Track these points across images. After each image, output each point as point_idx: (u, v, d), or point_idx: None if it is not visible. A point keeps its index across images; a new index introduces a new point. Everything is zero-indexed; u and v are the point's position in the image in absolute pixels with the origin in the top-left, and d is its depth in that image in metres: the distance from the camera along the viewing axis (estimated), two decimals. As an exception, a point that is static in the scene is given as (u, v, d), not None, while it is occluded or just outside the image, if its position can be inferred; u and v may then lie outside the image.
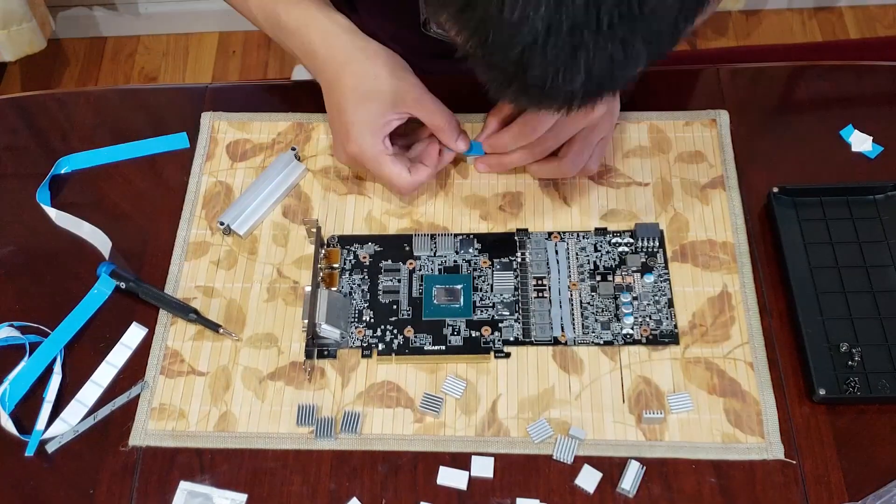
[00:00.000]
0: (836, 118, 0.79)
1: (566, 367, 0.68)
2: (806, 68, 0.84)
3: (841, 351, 0.66)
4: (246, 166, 0.79)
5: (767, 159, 0.77)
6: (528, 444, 0.64)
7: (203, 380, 0.68)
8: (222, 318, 0.71)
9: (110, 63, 1.90)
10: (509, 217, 0.75)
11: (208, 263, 0.74)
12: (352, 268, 0.73)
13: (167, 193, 0.78)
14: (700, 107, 0.80)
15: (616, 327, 0.69)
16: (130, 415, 0.67)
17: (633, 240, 0.73)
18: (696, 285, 0.71)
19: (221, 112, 0.82)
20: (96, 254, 0.75)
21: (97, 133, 0.82)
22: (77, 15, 1.88)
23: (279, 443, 0.66)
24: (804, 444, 0.64)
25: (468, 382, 0.67)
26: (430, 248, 0.73)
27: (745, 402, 0.66)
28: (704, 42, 1.87)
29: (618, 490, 0.63)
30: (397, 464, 0.64)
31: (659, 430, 0.65)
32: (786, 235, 0.71)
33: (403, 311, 0.70)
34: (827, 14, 1.89)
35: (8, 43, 1.61)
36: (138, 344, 0.70)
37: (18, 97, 0.89)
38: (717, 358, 0.68)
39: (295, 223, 0.76)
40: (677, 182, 0.76)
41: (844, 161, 0.77)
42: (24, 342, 0.70)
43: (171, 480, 0.64)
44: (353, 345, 0.69)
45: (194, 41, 1.92)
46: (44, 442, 0.66)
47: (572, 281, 0.71)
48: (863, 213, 0.73)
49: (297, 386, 0.68)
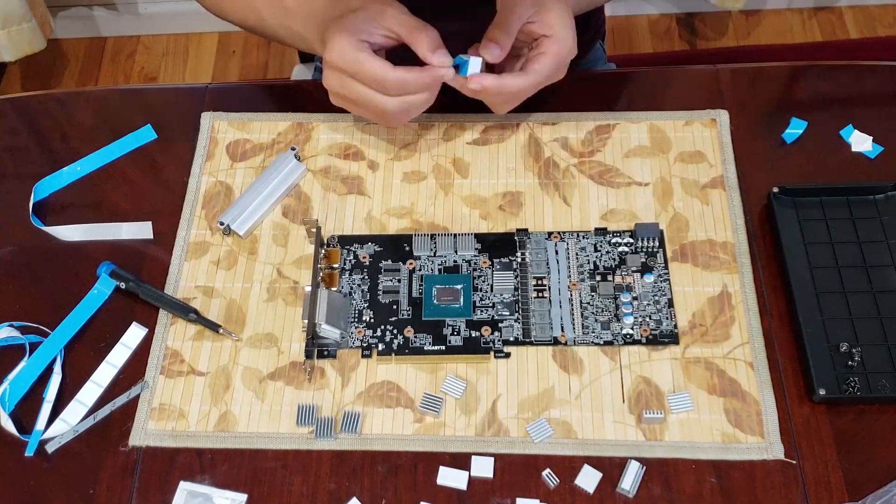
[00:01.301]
0: (836, 118, 0.79)
1: (566, 367, 0.68)
2: (806, 68, 0.84)
3: (841, 351, 0.66)
4: (246, 166, 0.79)
5: (767, 159, 0.77)
6: (528, 444, 0.64)
7: (203, 380, 0.68)
8: (222, 318, 0.71)
9: (110, 63, 1.90)
10: (509, 217, 0.75)
11: (208, 263, 0.74)
12: (352, 268, 0.73)
13: (167, 193, 0.78)
14: (700, 107, 0.80)
15: (616, 327, 0.69)
16: (130, 415, 0.67)
17: (633, 240, 0.73)
18: (696, 285, 0.71)
19: (221, 112, 0.82)
20: (96, 254, 0.75)
21: (97, 133, 0.82)
22: (77, 15, 1.88)
23: (279, 443, 0.66)
24: (804, 444, 0.64)
25: (468, 382, 0.67)
26: (430, 248, 0.73)
27: (745, 402, 0.66)
28: (704, 42, 1.87)
29: (618, 490, 0.63)
30: (397, 464, 0.64)
31: (659, 430, 0.65)
32: (786, 235, 0.71)
33: (403, 311, 0.70)
34: (827, 14, 1.89)
35: (8, 43, 1.61)
36: (138, 344, 0.70)
37: (18, 97, 0.89)
38: (717, 358, 0.68)
39: (295, 223, 0.76)
40: (677, 182, 0.76)
41: (844, 161, 0.77)
42: (24, 342, 0.70)
43: (171, 480, 0.64)
44: (353, 345, 0.69)
45: (194, 41, 1.93)
46: (44, 442, 0.66)
47: (572, 281, 0.71)
48: (863, 213, 0.73)
49: (297, 386, 0.68)
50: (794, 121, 0.78)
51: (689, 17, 1.91)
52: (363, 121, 0.80)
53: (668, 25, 1.90)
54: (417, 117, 0.80)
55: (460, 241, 0.73)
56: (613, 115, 0.80)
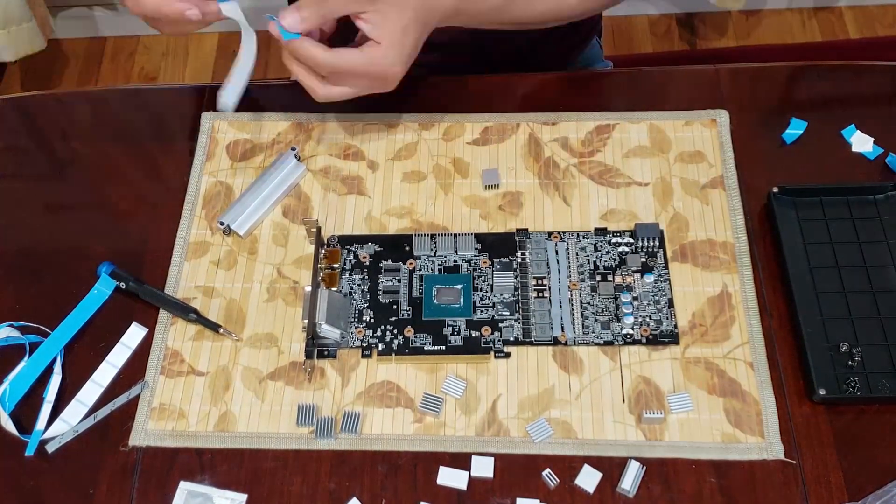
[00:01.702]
0: (836, 118, 0.79)
1: (566, 366, 0.68)
2: (806, 68, 0.84)
3: (841, 351, 0.66)
4: (246, 166, 0.79)
5: (767, 159, 0.77)
6: (528, 444, 0.64)
7: (203, 380, 0.68)
8: (222, 318, 0.71)
9: (110, 63, 1.90)
10: (509, 217, 0.75)
11: (208, 263, 0.74)
12: (352, 268, 0.73)
13: (167, 193, 0.78)
14: (700, 107, 0.80)
15: (616, 327, 0.69)
16: (130, 415, 0.67)
17: (633, 240, 0.73)
18: (695, 285, 0.71)
19: (221, 112, 0.82)
20: (96, 254, 0.75)
21: (97, 133, 0.82)
22: (77, 15, 1.88)
23: (279, 443, 0.66)
24: (804, 444, 0.64)
25: (468, 382, 0.67)
26: (430, 248, 0.73)
27: (745, 402, 0.66)
28: (704, 42, 1.87)
29: (618, 490, 0.63)
30: (397, 464, 0.64)
31: (659, 430, 0.65)
32: (786, 235, 0.71)
33: (403, 311, 0.70)
34: (827, 14, 1.89)
35: (8, 43, 1.61)
36: (138, 344, 0.70)
37: (18, 97, 0.89)
38: (717, 358, 0.68)
39: (295, 223, 0.76)
40: (677, 182, 0.76)
41: (844, 161, 0.77)
42: (24, 342, 0.70)
43: (171, 480, 0.64)
44: (354, 345, 0.69)
45: (194, 41, 1.92)
46: (44, 442, 0.66)
47: (572, 281, 0.71)
48: (863, 213, 0.73)
49: (297, 386, 0.68)
50: (794, 121, 0.78)
51: (689, 17, 1.91)
52: (364, 120, 0.80)
53: (668, 25, 1.90)
54: (417, 117, 0.80)
55: (460, 241, 0.73)
56: (613, 115, 0.80)
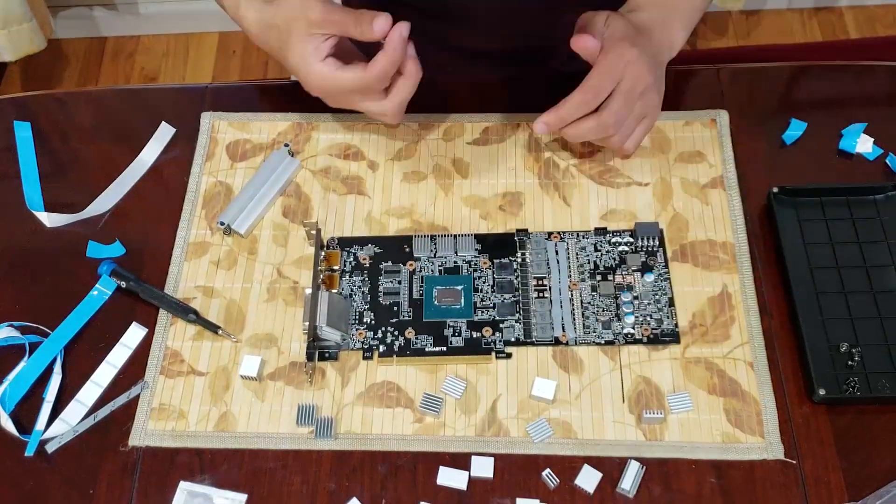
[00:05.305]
0: (836, 118, 0.79)
1: (566, 366, 0.68)
2: (806, 68, 0.84)
3: (841, 351, 0.66)
4: (246, 166, 0.79)
5: (767, 159, 0.77)
6: (528, 444, 0.64)
7: (203, 380, 0.68)
8: (222, 318, 0.71)
9: (110, 63, 1.90)
10: (509, 217, 0.75)
11: (208, 263, 0.74)
12: (352, 270, 0.73)
13: (167, 193, 0.78)
14: (700, 107, 0.80)
15: (617, 327, 0.69)
16: (130, 415, 0.67)
17: (633, 239, 0.73)
18: (695, 285, 0.71)
19: (221, 112, 0.82)
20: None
21: (97, 133, 0.82)
22: (77, 15, 1.88)
23: (279, 443, 0.66)
24: (804, 444, 0.64)
25: (468, 382, 0.67)
26: (430, 249, 0.73)
27: (745, 402, 0.66)
28: (704, 42, 1.87)
29: (618, 490, 0.63)
30: (397, 464, 0.64)
31: (659, 430, 0.65)
32: (786, 235, 0.71)
33: (404, 312, 0.70)
34: (827, 14, 1.89)
35: (8, 43, 1.61)
36: (138, 344, 0.70)
37: (18, 97, 0.88)
38: (717, 358, 0.68)
39: (295, 223, 0.76)
40: (677, 182, 0.76)
41: (844, 161, 0.77)
42: (24, 342, 0.70)
43: (170, 480, 0.64)
44: (354, 347, 0.69)
45: (194, 41, 1.92)
46: (44, 442, 0.66)
47: (573, 281, 0.71)
48: (863, 213, 0.73)
49: (297, 386, 0.68)
50: (794, 122, 0.78)
51: (689, 17, 1.90)
52: (364, 120, 0.80)
53: (668, 25, 1.90)
54: (417, 117, 0.80)
55: (460, 241, 0.73)
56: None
